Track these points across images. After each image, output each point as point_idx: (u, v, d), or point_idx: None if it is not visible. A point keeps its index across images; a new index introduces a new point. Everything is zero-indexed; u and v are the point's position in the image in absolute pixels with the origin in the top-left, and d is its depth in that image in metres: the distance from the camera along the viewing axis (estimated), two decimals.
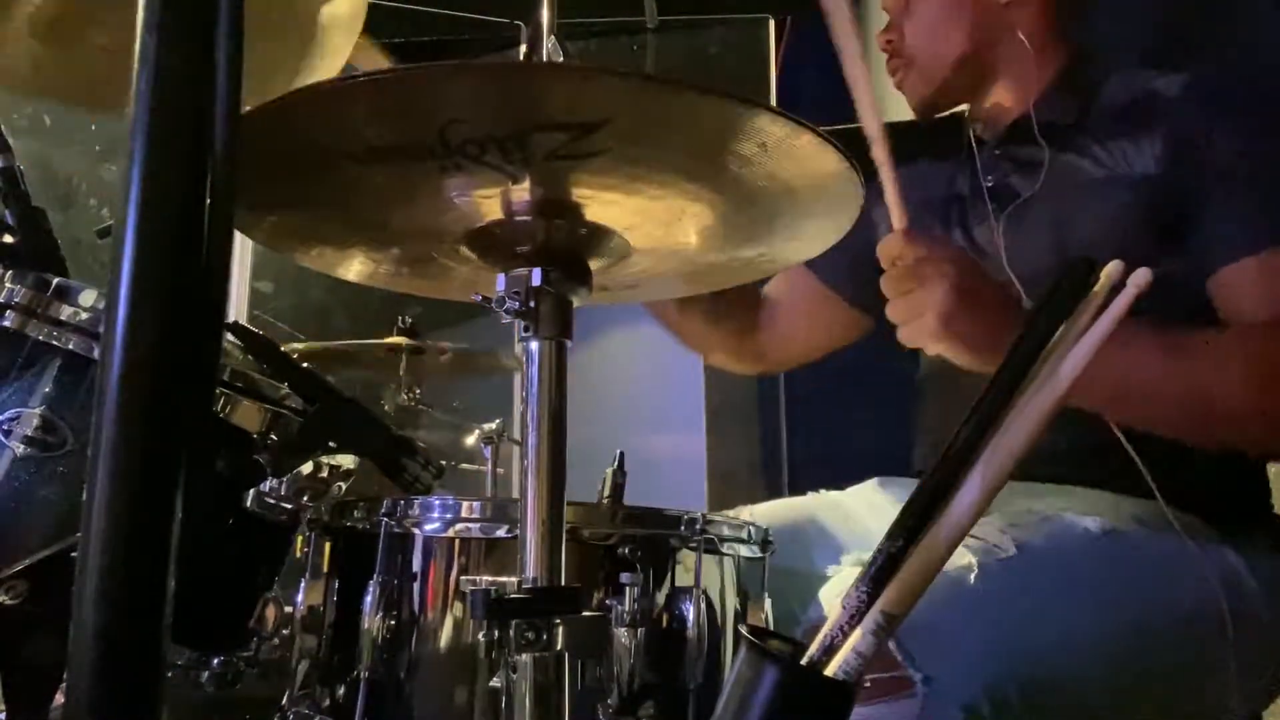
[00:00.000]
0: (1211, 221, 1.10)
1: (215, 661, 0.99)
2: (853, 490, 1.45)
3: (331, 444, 0.98)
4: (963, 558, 0.96)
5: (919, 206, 1.42)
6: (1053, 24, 1.31)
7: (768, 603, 1.05)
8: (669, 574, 0.96)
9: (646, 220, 0.80)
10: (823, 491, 1.47)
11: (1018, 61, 1.30)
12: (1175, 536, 1.05)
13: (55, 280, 0.92)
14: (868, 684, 0.58)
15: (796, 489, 1.69)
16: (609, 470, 1.09)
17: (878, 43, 1.40)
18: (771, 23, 2.98)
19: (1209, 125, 1.12)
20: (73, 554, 0.45)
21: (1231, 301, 1.09)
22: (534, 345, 0.78)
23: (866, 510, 1.39)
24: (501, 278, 0.80)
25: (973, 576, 0.94)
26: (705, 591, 0.95)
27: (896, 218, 1.01)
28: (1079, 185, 1.20)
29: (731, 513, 1.44)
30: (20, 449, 0.88)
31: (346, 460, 1.05)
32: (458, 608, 0.93)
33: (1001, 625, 0.93)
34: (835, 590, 0.98)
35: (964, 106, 1.40)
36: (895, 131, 1.45)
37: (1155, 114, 1.16)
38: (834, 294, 1.54)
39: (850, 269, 1.48)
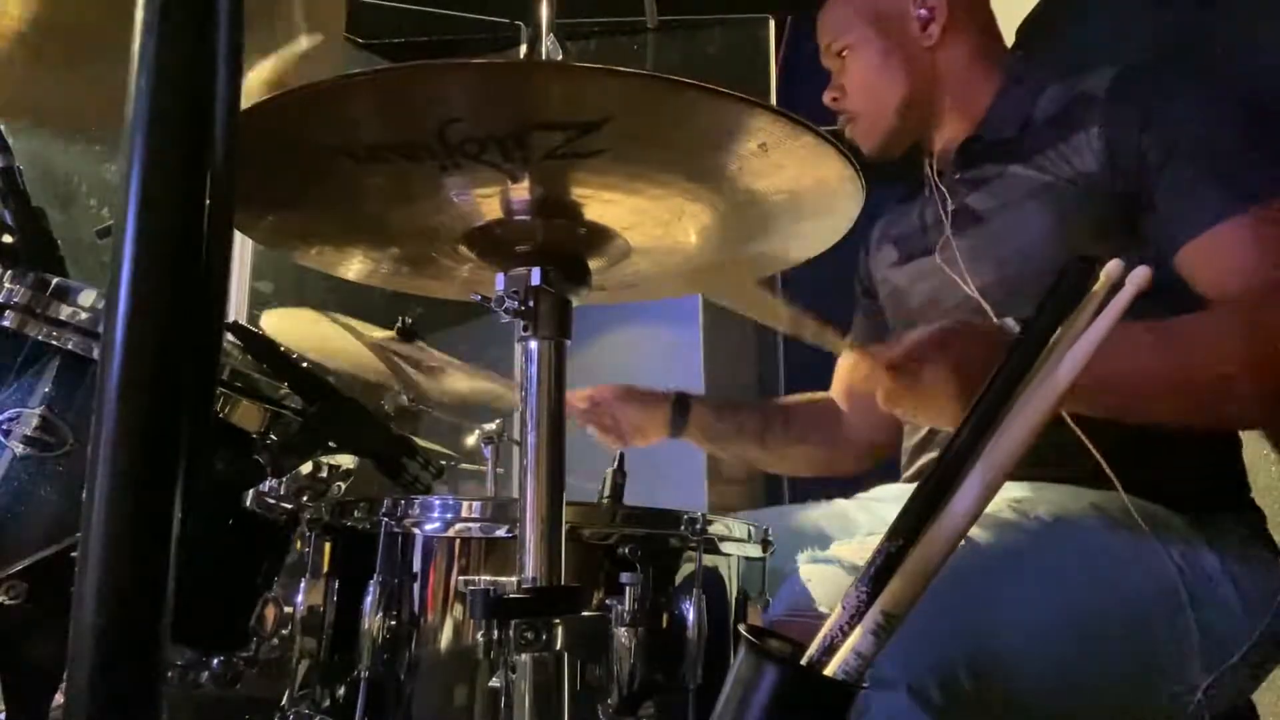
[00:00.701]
0: (1165, 202, 1.12)
1: (215, 661, 0.99)
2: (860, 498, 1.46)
3: (331, 444, 0.98)
4: None
5: (893, 246, 1.47)
6: (983, 53, 1.39)
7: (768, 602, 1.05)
8: (669, 574, 0.96)
9: (646, 220, 0.80)
10: (824, 501, 1.48)
11: (956, 94, 1.38)
12: (1129, 524, 1.05)
13: (55, 280, 0.92)
14: (867, 685, 0.58)
15: (797, 488, 1.70)
16: (609, 470, 1.09)
17: (825, 100, 1.47)
18: (771, 23, 2.98)
19: (1141, 113, 1.15)
20: (73, 554, 0.45)
21: (1207, 273, 1.10)
22: (533, 345, 0.78)
23: (868, 517, 1.39)
24: (501, 277, 0.80)
25: None
26: (705, 591, 0.95)
27: (851, 356, 1.08)
28: (1026, 194, 1.25)
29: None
30: (20, 449, 0.88)
31: (346, 460, 1.05)
32: (458, 608, 0.93)
33: (945, 610, 0.92)
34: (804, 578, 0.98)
35: (932, 146, 1.45)
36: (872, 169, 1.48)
37: (1088, 114, 1.20)
38: None
39: (882, 333, 1.54)
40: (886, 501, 1.42)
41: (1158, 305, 1.08)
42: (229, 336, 0.98)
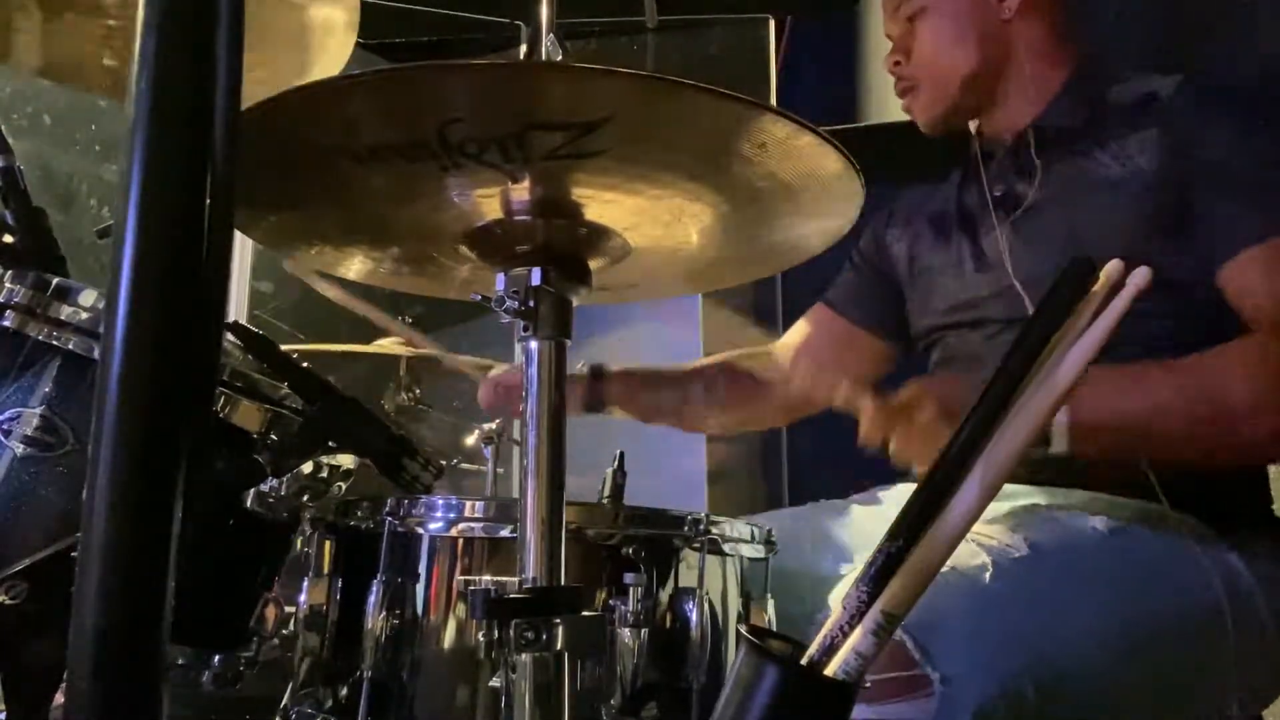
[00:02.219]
0: (1210, 215, 1.12)
1: (215, 661, 0.99)
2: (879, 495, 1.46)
3: (331, 444, 0.98)
4: (976, 558, 0.97)
5: (925, 224, 1.45)
6: (1060, 33, 1.34)
7: (770, 603, 1.05)
8: (672, 574, 0.96)
9: (646, 220, 0.80)
10: (823, 501, 1.48)
11: (1025, 73, 1.32)
12: (1176, 536, 1.06)
13: (55, 280, 0.92)
14: (868, 685, 0.58)
15: (797, 487, 1.69)
16: (609, 470, 1.09)
17: (885, 65, 1.41)
18: (771, 23, 2.97)
19: (1201, 122, 1.15)
20: (73, 554, 0.45)
21: (1239, 294, 1.10)
22: (533, 345, 0.78)
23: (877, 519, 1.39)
24: (501, 277, 0.80)
25: (988, 576, 0.94)
26: (708, 592, 0.95)
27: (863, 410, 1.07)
28: (1085, 187, 1.23)
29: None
30: (20, 449, 0.88)
31: (346, 460, 1.04)
32: (460, 607, 0.94)
33: (1017, 624, 0.93)
34: (840, 594, 0.98)
35: (974, 123, 1.42)
36: (902, 138, 1.45)
37: (1153, 114, 1.19)
38: (862, 329, 1.56)
39: (874, 301, 1.54)
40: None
41: (1196, 317, 1.10)
42: (229, 336, 0.98)
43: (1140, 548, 1.06)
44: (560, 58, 1.12)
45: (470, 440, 2.15)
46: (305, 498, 0.98)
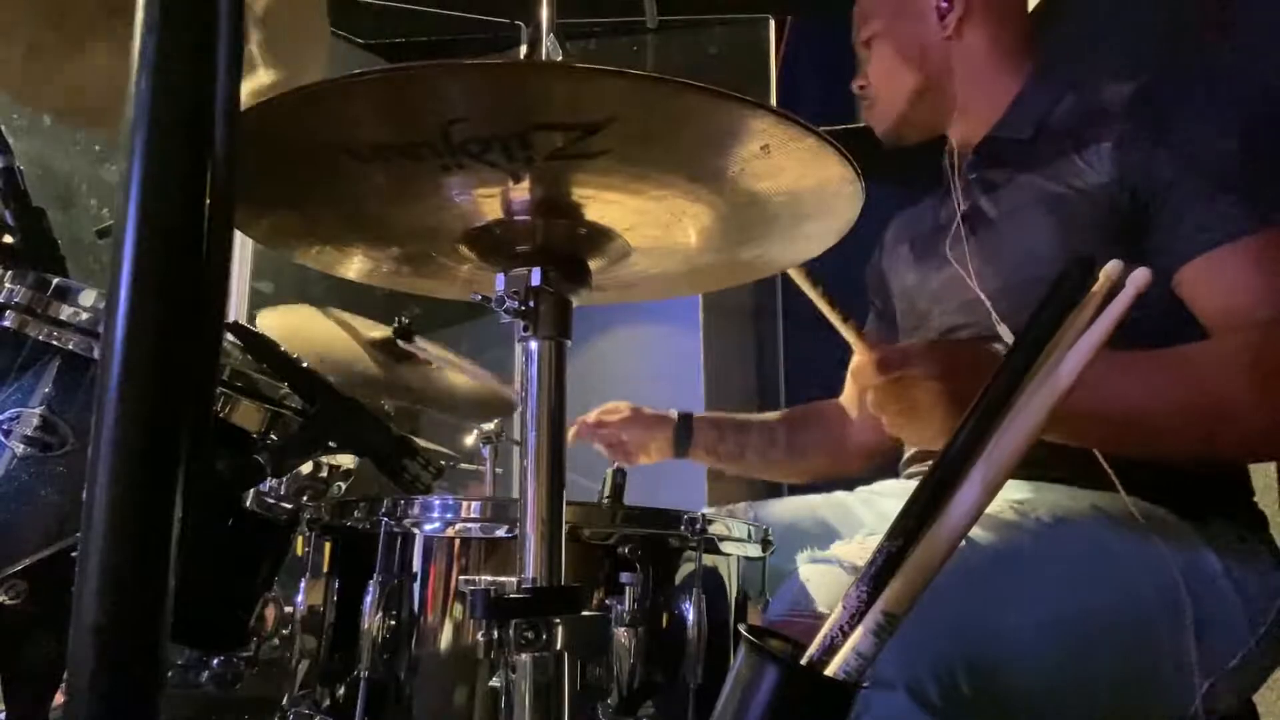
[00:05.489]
0: (1170, 220, 1.12)
1: (215, 661, 0.99)
2: (863, 490, 1.46)
3: (331, 444, 0.98)
4: None
5: (908, 247, 1.48)
6: (1008, 46, 1.38)
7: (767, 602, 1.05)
8: (669, 574, 0.96)
9: (646, 220, 0.80)
10: (825, 493, 1.48)
11: (973, 89, 1.38)
12: (1132, 527, 1.05)
13: (55, 280, 0.92)
14: (867, 684, 0.58)
15: (796, 487, 1.69)
16: (609, 470, 1.09)
17: (854, 88, 1.50)
18: (771, 23, 2.98)
19: (1155, 131, 1.15)
20: (73, 554, 0.45)
21: (1208, 294, 1.10)
22: (533, 345, 0.78)
23: (868, 511, 1.39)
24: (501, 277, 0.80)
25: None
26: (705, 591, 0.95)
27: (860, 350, 1.08)
28: (1038, 200, 1.24)
29: (734, 508, 1.45)
30: (20, 449, 0.88)
31: (346, 460, 1.04)
32: (457, 608, 0.94)
33: (944, 611, 0.92)
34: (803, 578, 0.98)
35: (952, 142, 1.45)
36: (887, 157, 1.47)
37: (1103, 128, 1.19)
38: None
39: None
40: (887, 496, 1.42)
41: (1151, 323, 1.10)
42: (229, 336, 0.98)
43: (1087, 538, 1.06)
44: (560, 58, 1.12)
45: (470, 440, 2.15)
46: (305, 498, 0.99)
